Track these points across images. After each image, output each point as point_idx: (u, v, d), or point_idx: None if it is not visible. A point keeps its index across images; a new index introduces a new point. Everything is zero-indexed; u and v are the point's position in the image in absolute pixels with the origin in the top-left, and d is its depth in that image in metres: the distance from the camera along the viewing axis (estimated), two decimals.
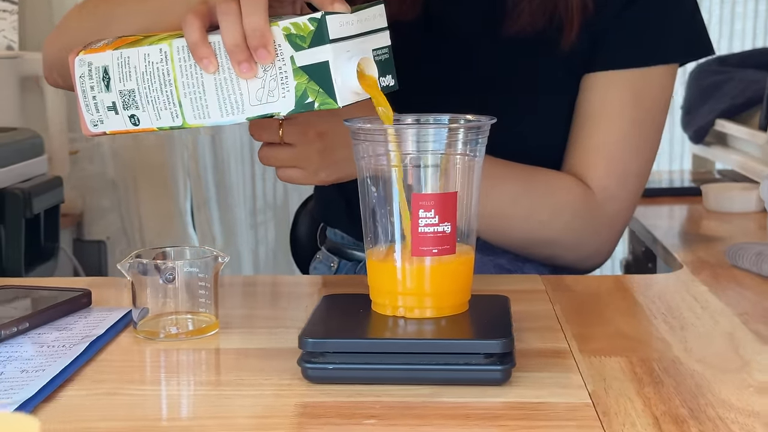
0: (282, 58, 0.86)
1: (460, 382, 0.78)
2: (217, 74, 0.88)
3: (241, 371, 0.83)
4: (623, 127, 1.22)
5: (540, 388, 0.78)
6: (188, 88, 0.89)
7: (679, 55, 1.25)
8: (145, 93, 0.91)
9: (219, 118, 0.90)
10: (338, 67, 0.86)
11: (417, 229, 0.82)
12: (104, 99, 0.92)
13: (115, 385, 0.79)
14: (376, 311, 0.86)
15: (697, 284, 1.11)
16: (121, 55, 0.91)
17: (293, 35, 0.86)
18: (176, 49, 0.89)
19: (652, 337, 0.91)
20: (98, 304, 1.02)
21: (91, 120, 0.94)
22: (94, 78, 0.93)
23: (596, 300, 1.05)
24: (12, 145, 1.65)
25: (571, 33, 1.20)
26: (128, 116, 0.92)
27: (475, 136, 0.85)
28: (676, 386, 0.78)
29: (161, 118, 0.91)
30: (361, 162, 0.86)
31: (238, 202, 2.60)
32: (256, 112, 0.88)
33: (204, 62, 0.88)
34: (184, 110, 0.90)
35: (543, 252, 1.23)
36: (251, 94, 0.88)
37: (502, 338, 0.78)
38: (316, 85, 0.86)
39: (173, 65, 0.89)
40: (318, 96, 0.86)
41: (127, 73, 0.91)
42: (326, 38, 0.85)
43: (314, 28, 0.85)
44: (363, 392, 0.77)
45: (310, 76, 0.86)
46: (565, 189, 1.20)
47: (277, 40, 0.86)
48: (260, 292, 1.13)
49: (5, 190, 1.55)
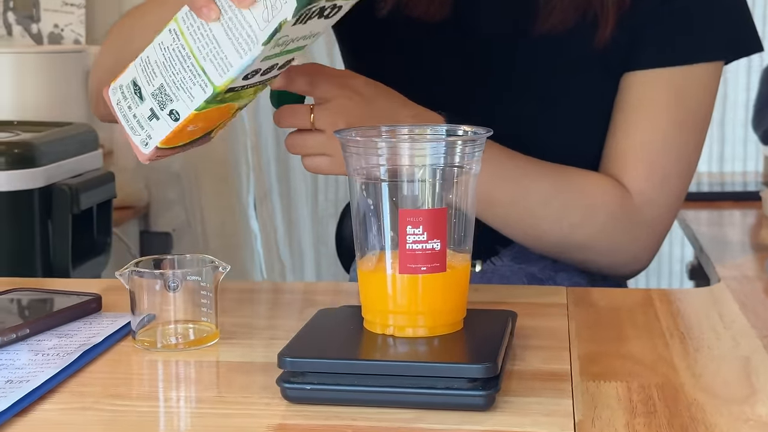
0: None
1: (442, 406, 0.75)
2: (222, 20, 0.87)
3: (224, 387, 0.81)
4: (663, 127, 1.16)
5: (524, 415, 0.75)
6: (204, 48, 0.88)
7: (722, 53, 1.18)
8: (171, 80, 0.90)
9: (239, 60, 0.88)
10: None
11: (405, 245, 0.80)
12: (142, 111, 0.93)
13: (94, 399, 0.79)
14: (367, 329, 0.84)
15: (730, 301, 1.06)
16: (141, 60, 0.92)
17: None
18: (181, 20, 0.90)
19: (662, 360, 0.87)
20: (112, 309, 1.01)
21: (140, 141, 0.94)
22: (128, 95, 0.93)
23: (615, 316, 1.00)
24: (64, 140, 1.67)
25: (606, 29, 1.15)
26: (167, 114, 0.92)
27: (471, 149, 0.82)
28: (669, 418, 0.74)
29: (194, 96, 0.90)
30: (353, 173, 0.83)
31: (300, 195, 2.59)
32: (268, 31, 0.86)
33: (204, 11, 0.87)
34: (209, 74, 0.89)
35: (576, 257, 1.19)
36: (258, 20, 0.86)
37: (486, 363, 0.75)
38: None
39: (184, 37, 0.89)
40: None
41: (151, 72, 0.91)
42: None
43: None
44: (341, 414, 0.75)
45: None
46: (600, 190, 1.16)
47: None
48: (270, 300, 1.11)
49: (53, 186, 1.57)
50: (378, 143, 0.82)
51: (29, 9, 2.25)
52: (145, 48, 0.92)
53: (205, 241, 2.46)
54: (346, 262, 1.59)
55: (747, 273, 1.19)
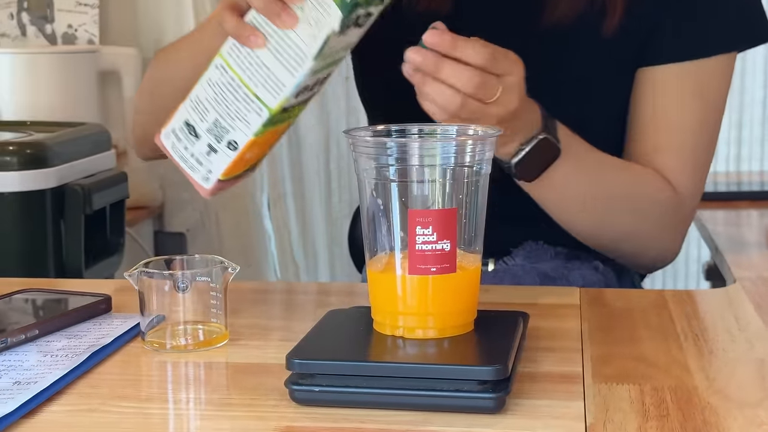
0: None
1: (451, 409, 0.74)
2: (268, 45, 0.90)
3: (232, 389, 0.81)
4: (691, 122, 1.17)
5: (535, 417, 0.74)
6: (255, 75, 0.91)
7: (737, 43, 1.19)
8: (225, 113, 0.93)
9: (292, 78, 0.91)
10: None
11: (414, 246, 0.79)
12: (199, 148, 0.96)
13: (101, 401, 0.78)
14: (376, 330, 0.83)
15: (745, 302, 1.04)
16: (191, 100, 0.95)
17: None
18: (226, 54, 0.93)
19: (675, 362, 0.86)
20: (124, 310, 1.01)
21: (201, 177, 0.97)
22: (182, 137, 0.97)
23: (629, 318, 0.99)
24: (77, 140, 1.67)
25: (615, 16, 1.14)
26: (225, 146, 0.95)
27: (482, 148, 0.81)
28: (682, 421, 0.73)
29: (250, 122, 0.93)
30: (362, 174, 0.82)
31: (314, 196, 2.58)
32: (316, 46, 0.89)
33: (251, 39, 0.90)
34: (262, 99, 0.91)
35: (627, 249, 1.20)
36: (304, 37, 0.90)
37: (496, 365, 0.74)
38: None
39: (233, 69, 0.92)
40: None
41: (203, 109, 0.95)
42: None
43: None
44: (349, 417, 0.74)
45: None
46: (658, 184, 1.17)
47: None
48: (281, 300, 1.10)
49: (66, 186, 1.56)
50: (388, 143, 0.81)
51: (43, 9, 2.25)
52: (192, 88, 0.95)
53: (219, 241, 2.45)
54: (358, 263, 1.58)
55: (763, 274, 1.17)
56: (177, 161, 0.98)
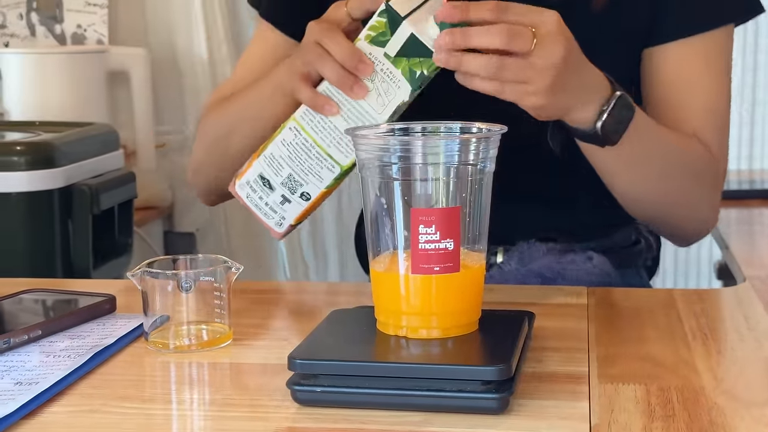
0: (379, 61, 0.97)
1: (455, 409, 0.73)
2: (341, 112, 0.99)
3: (235, 389, 0.80)
4: (711, 92, 1.20)
5: (540, 418, 0.73)
6: (327, 138, 1.00)
7: (737, 15, 1.22)
8: (299, 169, 1.01)
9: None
10: (423, 30, 0.94)
11: (417, 245, 0.78)
12: (274, 198, 1.04)
13: (102, 401, 0.78)
14: (380, 330, 0.82)
15: (755, 302, 1.03)
16: (266, 157, 1.03)
17: (375, 37, 0.96)
18: (300, 118, 1.01)
19: (683, 361, 0.85)
20: (129, 310, 1.00)
21: (275, 223, 1.05)
22: (257, 188, 1.04)
23: (637, 317, 0.98)
24: (85, 140, 1.67)
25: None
26: (298, 197, 1.03)
27: (486, 146, 0.81)
28: (688, 422, 0.72)
29: (323, 178, 1.01)
30: (365, 172, 0.82)
31: None
32: (387, 113, 0.98)
33: (326, 108, 0.99)
34: (334, 157, 1.00)
35: (676, 214, 1.21)
36: (374, 106, 0.99)
37: (499, 365, 0.73)
38: (416, 58, 0.95)
39: (306, 132, 1.01)
40: (422, 63, 0.95)
41: (278, 165, 1.02)
42: (399, 19, 0.95)
43: (386, 19, 0.96)
44: (351, 417, 0.73)
45: (407, 55, 0.96)
46: (704, 151, 1.18)
47: (366, 51, 0.97)
48: (288, 300, 1.10)
49: (73, 186, 1.57)
50: (390, 141, 0.80)
51: (52, 9, 2.25)
52: (266, 146, 1.03)
53: (228, 241, 2.45)
54: (365, 263, 1.58)
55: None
56: (252, 209, 1.06)
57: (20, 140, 1.58)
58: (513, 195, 1.09)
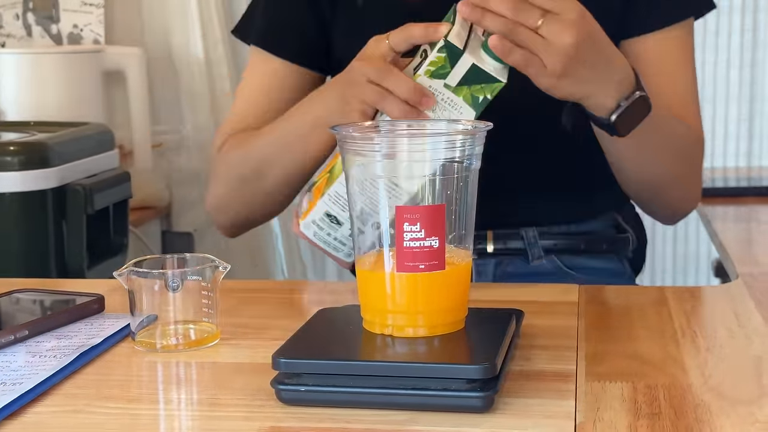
0: (439, 92, 1.01)
1: (440, 408, 0.73)
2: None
3: (219, 389, 0.80)
4: (689, 76, 1.28)
5: (525, 417, 0.72)
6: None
7: (699, 8, 1.30)
8: (369, 202, 1.00)
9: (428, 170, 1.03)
10: (482, 59, 1.00)
11: (402, 243, 0.78)
12: (342, 233, 1.08)
13: (87, 402, 0.77)
14: (366, 329, 0.82)
15: (746, 299, 1.03)
16: (330, 196, 1.06)
17: (435, 71, 1.01)
18: None
19: (671, 359, 0.84)
20: (118, 310, 1.00)
21: (344, 255, 1.11)
22: (324, 226, 1.09)
23: (627, 315, 0.98)
24: (79, 140, 1.67)
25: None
26: (370, 226, 1.05)
27: (472, 143, 0.80)
28: (674, 420, 0.71)
29: (392, 207, 1.02)
30: (350, 170, 0.81)
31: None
32: None
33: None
34: (403, 187, 1.02)
35: (674, 193, 1.29)
36: None
37: (484, 363, 0.73)
38: (477, 84, 1.01)
39: None
40: (484, 89, 1.01)
41: (344, 202, 1.04)
42: (460, 52, 1.00)
43: (446, 54, 1.01)
44: (335, 417, 0.73)
45: (468, 83, 1.01)
46: (688, 127, 1.25)
47: (426, 84, 1.01)
48: (276, 299, 1.09)
49: (67, 186, 1.56)
50: (375, 138, 0.80)
51: (48, 9, 2.25)
52: (321, 184, 1.08)
53: (226, 241, 2.44)
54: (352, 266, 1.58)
55: (767, 269, 1.16)
56: (320, 245, 1.11)
57: (14, 140, 1.58)
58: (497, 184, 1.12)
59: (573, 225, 1.31)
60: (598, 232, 1.32)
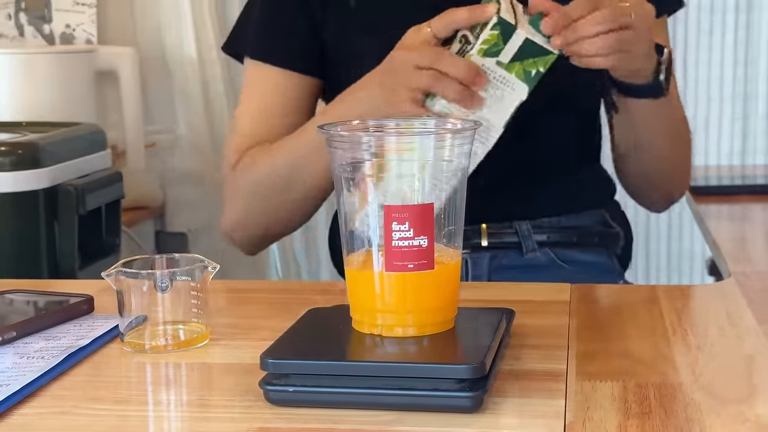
0: (491, 70, 1.05)
1: (428, 408, 0.72)
2: None
3: (208, 390, 0.79)
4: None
5: (514, 416, 0.72)
6: None
7: (675, 5, 1.37)
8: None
9: (484, 148, 1.09)
10: (533, 33, 1.04)
11: (391, 242, 0.77)
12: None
13: (73, 403, 0.77)
14: (355, 329, 0.81)
15: (738, 298, 1.02)
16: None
17: (488, 49, 1.05)
18: None
19: (662, 358, 0.84)
20: (109, 311, 0.99)
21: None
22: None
23: (618, 314, 0.98)
24: (71, 140, 1.65)
25: None
26: None
27: (461, 141, 0.80)
28: (664, 419, 0.71)
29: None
30: (338, 169, 0.81)
31: None
32: (504, 116, 1.08)
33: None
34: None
35: (676, 177, 1.38)
36: (491, 112, 1.07)
37: (473, 363, 0.72)
38: (530, 58, 1.04)
39: None
40: (537, 62, 1.04)
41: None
42: (513, 28, 1.04)
43: (499, 32, 1.04)
44: (322, 417, 0.72)
45: (520, 59, 1.05)
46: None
47: (479, 63, 1.05)
48: (267, 299, 1.09)
49: (59, 186, 1.55)
50: (363, 137, 0.79)
51: (41, 9, 2.24)
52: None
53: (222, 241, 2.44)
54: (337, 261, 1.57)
55: (760, 268, 1.15)
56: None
57: (5, 140, 1.57)
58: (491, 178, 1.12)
59: (564, 218, 1.32)
60: (589, 227, 1.33)
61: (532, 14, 1.06)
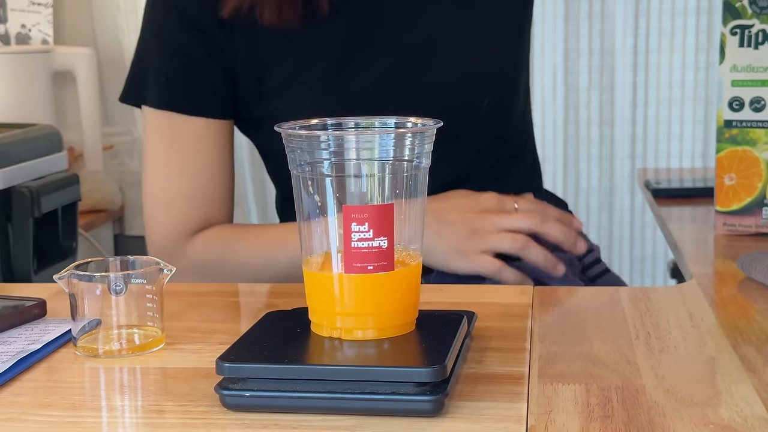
0: None
1: (388, 412, 0.71)
2: None
3: (163, 395, 0.77)
4: None
5: (475, 421, 0.71)
6: None
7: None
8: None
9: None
10: None
11: (350, 243, 0.76)
12: None
13: (22, 410, 0.74)
14: (314, 332, 0.80)
15: (700, 299, 1.01)
16: None
17: None
18: None
19: (625, 360, 0.83)
20: (61, 314, 0.97)
21: None
22: None
23: (581, 316, 0.97)
24: (26, 141, 1.63)
25: None
26: None
27: (421, 141, 0.78)
28: (627, 422, 0.70)
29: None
30: (296, 169, 0.79)
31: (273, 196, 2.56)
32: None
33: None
34: None
35: None
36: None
37: (434, 366, 0.71)
38: None
39: None
40: None
41: None
42: None
43: None
44: (280, 422, 0.71)
45: None
46: None
47: None
48: (225, 303, 1.07)
49: (13, 188, 1.53)
50: (322, 136, 0.78)
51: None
52: None
53: None
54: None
55: (720, 270, 1.15)
56: None
57: None
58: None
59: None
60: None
61: None
